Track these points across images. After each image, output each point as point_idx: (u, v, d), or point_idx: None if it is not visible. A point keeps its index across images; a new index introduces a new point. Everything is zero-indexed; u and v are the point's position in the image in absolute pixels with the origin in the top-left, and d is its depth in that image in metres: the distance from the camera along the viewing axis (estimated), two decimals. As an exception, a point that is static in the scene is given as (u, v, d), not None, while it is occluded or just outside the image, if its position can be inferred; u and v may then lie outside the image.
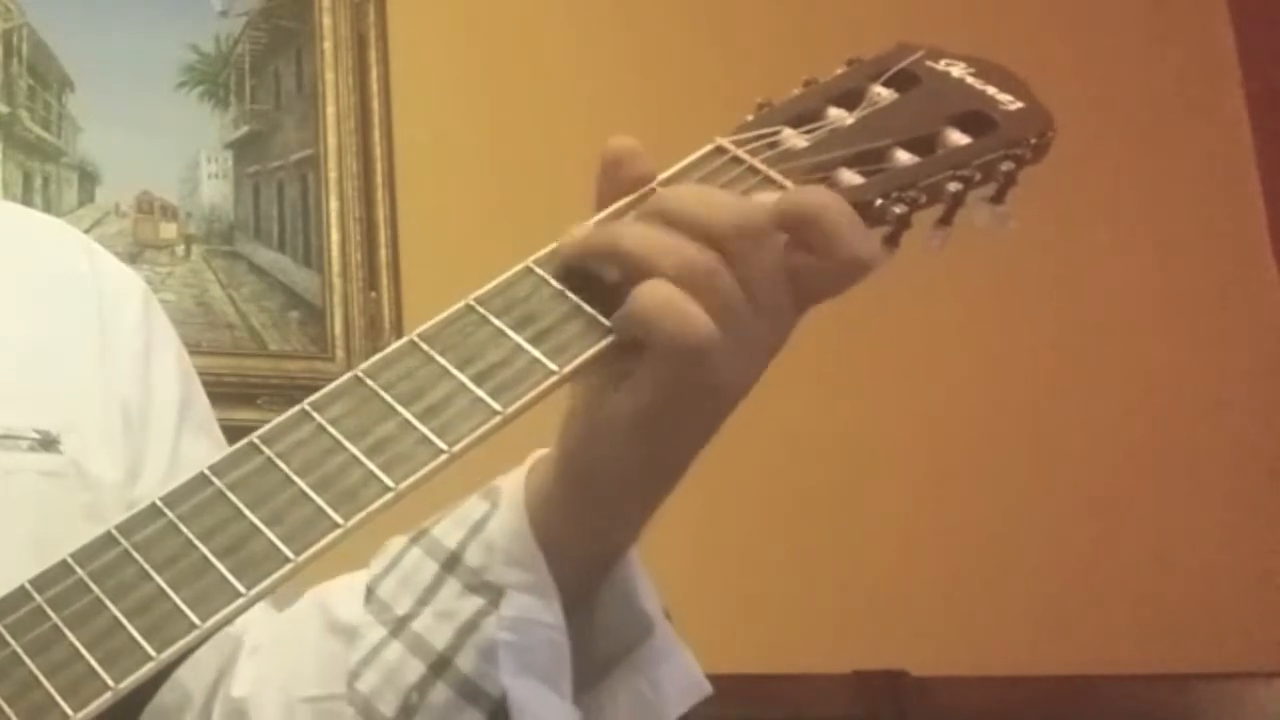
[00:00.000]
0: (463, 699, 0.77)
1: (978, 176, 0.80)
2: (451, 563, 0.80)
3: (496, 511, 0.80)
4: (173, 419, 0.99)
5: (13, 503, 0.89)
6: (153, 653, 0.66)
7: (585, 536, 0.79)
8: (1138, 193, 2.65)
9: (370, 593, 0.82)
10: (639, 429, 0.73)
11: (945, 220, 0.80)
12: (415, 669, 0.78)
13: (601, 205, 0.77)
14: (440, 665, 0.78)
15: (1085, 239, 2.57)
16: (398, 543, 0.83)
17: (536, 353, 0.72)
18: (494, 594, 0.78)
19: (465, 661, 0.78)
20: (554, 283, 0.74)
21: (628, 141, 0.77)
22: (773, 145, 0.79)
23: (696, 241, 0.72)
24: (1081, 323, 2.57)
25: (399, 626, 0.80)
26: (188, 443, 0.98)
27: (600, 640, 0.81)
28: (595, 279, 0.74)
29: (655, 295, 0.71)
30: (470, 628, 0.78)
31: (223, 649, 0.90)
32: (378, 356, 0.74)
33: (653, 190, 0.76)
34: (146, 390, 0.99)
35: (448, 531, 0.81)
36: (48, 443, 0.92)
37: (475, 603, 0.78)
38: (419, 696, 0.78)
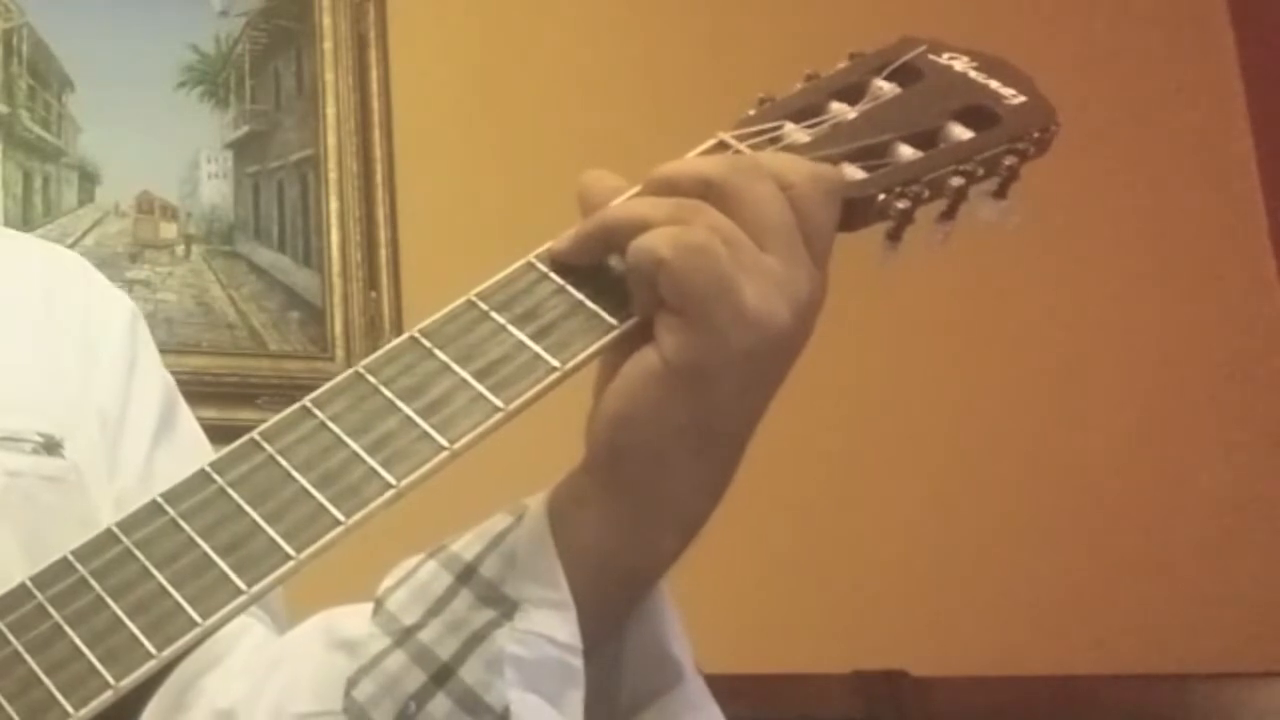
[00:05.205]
0: (463, 710, 0.74)
1: (980, 171, 0.79)
2: (467, 574, 0.76)
3: (519, 524, 0.77)
4: (149, 432, 0.97)
5: (13, 505, 0.88)
6: (154, 651, 0.66)
7: (618, 539, 0.75)
8: (1137, 189, 2.64)
9: (379, 605, 0.78)
10: (675, 376, 0.71)
11: (948, 215, 0.80)
12: (416, 678, 0.75)
13: None
14: (443, 675, 0.75)
15: (1083, 238, 2.57)
16: (414, 559, 0.79)
17: (538, 348, 0.72)
18: (509, 607, 0.75)
19: (469, 673, 0.74)
20: (555, 278, 0.74)
21: (599, 172, 0.77)
22: (775, 140, 0.79)
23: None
24: (1080, 323, 2.57)
25: (404, 636, 0.76)
26: (164, 458, 0.96)
27: (626, 681, 0.78)
28: (597, 274, 0.74)
29: (662, 232, 0.71)
30: (478, 639, 0.74)
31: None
32: (379, 352, 0.73)
33: None
34: (124, 403, 0.97)
35: (468, 545, 0.78)
36: (51, 446, 0.91)
37: (487, 614, 0.75)
38: (416, 706, 0.74)
